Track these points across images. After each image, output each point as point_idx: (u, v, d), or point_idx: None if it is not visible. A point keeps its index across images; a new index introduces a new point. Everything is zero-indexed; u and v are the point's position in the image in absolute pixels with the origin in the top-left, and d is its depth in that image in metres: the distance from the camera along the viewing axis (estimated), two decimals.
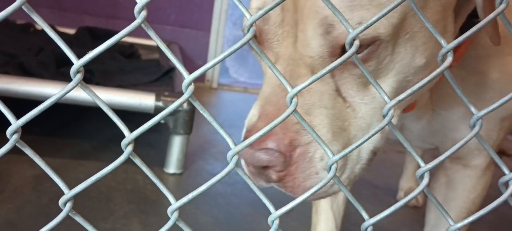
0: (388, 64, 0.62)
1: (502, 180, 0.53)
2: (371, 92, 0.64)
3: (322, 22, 0.58)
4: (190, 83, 0.42)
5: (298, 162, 0.60)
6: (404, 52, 0.62)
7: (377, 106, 0.64)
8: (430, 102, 0.86)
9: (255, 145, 0.59)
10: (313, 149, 0.60)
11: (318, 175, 0.61)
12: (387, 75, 0.63)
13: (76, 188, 0.43)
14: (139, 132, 0.42)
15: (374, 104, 0.64)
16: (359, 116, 0.64)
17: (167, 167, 1.83)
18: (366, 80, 0.62)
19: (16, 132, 0.40)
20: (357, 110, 0.64)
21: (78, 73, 0.40)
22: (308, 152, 0.60)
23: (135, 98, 1.71)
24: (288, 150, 0.59)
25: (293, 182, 0.61)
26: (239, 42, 0.43)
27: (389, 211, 0.50)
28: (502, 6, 0.48)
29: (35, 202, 1.43)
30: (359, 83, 0.63)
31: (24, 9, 0.39)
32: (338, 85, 0.63)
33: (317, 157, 0.61)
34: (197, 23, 3.55)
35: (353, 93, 0.63)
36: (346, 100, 0.63)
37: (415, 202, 1.87)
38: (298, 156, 0.60)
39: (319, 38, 0.60)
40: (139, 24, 0.40)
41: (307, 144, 0.60)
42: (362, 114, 0.64)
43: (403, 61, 0.63)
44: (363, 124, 0.64)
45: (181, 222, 0.47)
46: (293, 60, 0.62)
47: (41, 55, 2.11)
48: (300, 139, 0.60)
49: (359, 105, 0.64)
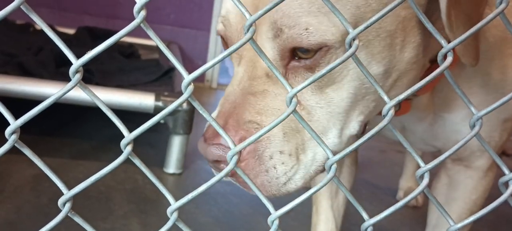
0: (342, 70, 0.63)
1: (502, 180, 0.53)
2: (328, 97, 0.65)
3: (272, 26, 0.61)
4: (189, 83, 0.42)
5: (247, 159, 0.62)
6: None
7: (334, 110, 0.65)
8: (431, 104, 0.86)
9: (209, 140, 0.63)
10: (262, 147, 0.62)
11: (267, 172, 0.62)
12: (342, 82, 0.64)
13: (75, 188, 0.43)
14: (138, 132, 0.42)
15: (331, 108, 0.65)
16: (314, 119, 0.65)
17: (166, 167, 1.83)
18: (322, 84, 0.63)
19: (15, 132, 0.40)
20: (312, 113, 0.65)
21: (77, 73, 0.40)
22: (258, 150, 0.62)
23: (134, 98, 1.71)
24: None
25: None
26: (239, 42, 0.43)
27: (388, 211, 0.50)
28: (502, 5, 0.48)
29: (34, 202, 1.43)
30: (314, 87, 0.64)
31: (23, 9, 0.39)
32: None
33: (266, 155, 0.62)
34: (197, 23, 3.55)
35: (307, 97, 0.64)
36: (301, 104, 0.65)
37: (414, 202, 1.87)
38: (247, 153, 0.62)
39: (270, 42, 0.62)
40: (138, 24, 0.40)
41: (257, 142, 0.62)
42: (318, 117, 0.65)
43: (357, 68, 0.63)
44: (319, 126, 0.65)
45: (181, 222, 0.47)
46: (252, 62, 0.65)
47: (40, 55, 2.11)
48: (250, 136, 0.61)
49: (314, 109, 0.65)
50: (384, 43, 0.63)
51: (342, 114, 0.66)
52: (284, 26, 0.60)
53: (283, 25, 0.60)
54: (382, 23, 0.62)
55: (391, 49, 0.64)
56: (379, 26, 0.62)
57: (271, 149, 0.62)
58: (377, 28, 0.62)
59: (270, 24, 0.61)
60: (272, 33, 0.61)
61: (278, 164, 0.63)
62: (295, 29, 0.59)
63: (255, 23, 0.62)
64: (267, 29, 0.62)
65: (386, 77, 0.66)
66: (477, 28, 0.49)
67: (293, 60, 0.63)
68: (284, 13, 0.59)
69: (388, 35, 0.63)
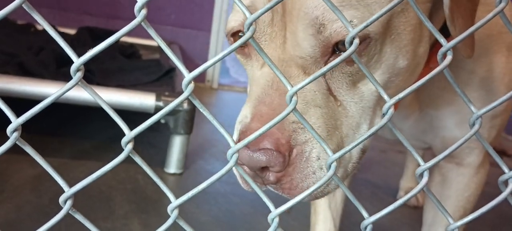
0: (376, 63, 0.63)
1: (501, 179, 0.53)
2: (360, 91, 0.64)
3: (313, 23, 0.59)
4: (190, 81, 0.42)
5: (295, 162, 0.60)
6: (390, 52, 0.63)
7: (365, 105, 0.65)
8: (416, 102, 0.87)
9: (252, 146, 0.58)
10: (309, 148, 0.60)
11: (315, 174, 0.61)
12: (374, 75, 0.63)
13: (76, 185, 0.43)
14: (139, 130, 0.42)
15: (363, 103, 0.65)
16: (349, 115, 0.64)
17: (167, 167, 1.83)
18: (355, 79, 0.63)
19: (17, 129, 0.40)
20: (347, 109, 0.64)
21: (78, 72, 0.41)
22: (305, 151, 0.60)
23: (135, 98, 1.71)
24: (286, 150, 0.59)
25: (291, 183, 0.61)
26: (239, 40, 0.43)
27: (388, 209, 0.50)
28: (502, 4, 0.48)
29: (35, 202, 1.43)
30: (349, 82, 0.63)
31: (25, 8, 0.39)
32: (329, 84, 0.64)
33: (313, 156, 0.60)
34: (198, 23, 3.55)
35: (343, 92, 0.64)
36: (337, 99, 0.64)
37: (415, 202, 1.87)
38: (296, 156, 0.60)
39: (311, 39, 0.60)
40: (139, 23, 0.40)
41: (304, 143, 0.60)
42: (352, 113, 0.65)
43: (388, 61, 0.64)
44: (354, 122, 0.65)
45: (181, 220, 0.47)
46: (283, 61, 0.63)
47: (41, 55, 2.12)
48: (297, 138, 0.60)
49: (349, 104, 0.64)
50: (409, 36, 0.63)
51: (371, 108, 0.66)
52: (327, 21, 0.58)
53: (325, 20, 0.58)
54: (408, 17, 0.62)
55: (413, 43, 0.64)
56: (406, 20, 0.62)
57: (318, 149, 0.60)
58: (404, 21, 0.62)
59: (310, 21, 0.59)
60: (313, 30, 0.59)
61: (324, 164, 0.61)
62: (339, 23, 0.58)
63: (274, 22, 0.61)
64: (306, 27, 0.60)
65: (406, 71, 0.66)
66: (476, 27, 0.49)
67: (333, 56, 0.62)
68: (325, 8, 0.58)
69: (412, 28, 0.63)
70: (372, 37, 0.60)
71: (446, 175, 0.98)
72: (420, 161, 0.52)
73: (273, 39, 0.63)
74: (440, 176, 1.00)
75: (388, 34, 0.62)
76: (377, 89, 0.63)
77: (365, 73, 0.49)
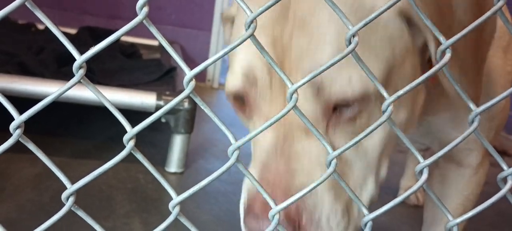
0: (376, 117, 0.62)
1: (500, 176, 0.54)
2: (363, 147, 0.64)
3: (312, 84, 0.58)
4: (191, 79, 0.43)
5: (305, 228, 0.60)
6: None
7: (369, 159, 0.65)
8: None
9: (262, 214, 0.58)
10: (318, 212, 0.60)
11: None
12: (376, 131, 0.63)
13: (79, 182, 0.43)
14: (140, 127, 0.43)
15: (367, 158, 0.65)
16: (355, 171, 0.64)
17: (168, 166, 1.83)
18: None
19: (19, 126, 0.41)
20: (352, 166, 0.64)
21: (80, 69, 0.41)
22: (314, 216, 0.60)
23: (136, 97, 1.72)
24: (296, 216, 0.59)
25: None
26: (239, 38, 0.44)
27: (388, 206, 0.51)
28: (500, 3, 0.49)
29: (36, 200, 1.44)
30: (352, 139, 0.63)
31: (28, 6, 0.39)
32: (332, 143, 0.63)
33: (323, 220, 0.60)
34: (198, 23, 3.55)
35: (347, 150, 0.64)
36: (342, 158, 0.63)
37: (416, 200, 1.87)
38: (306, 222, 0.59)
39: (310, 102, 0.60)
40: (141, 21, 0.41)
41: (313, 207, 0.60)
42: (358, 169, 0.64)
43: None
44: (359, 179, 0.65)
45: (182, 217, 0.48)
46: (284, 125, 0.62)
47: (42, 55, 2.12)
48: (305, 203, 0.60)
49: (354, 162, 0.64)
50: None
51: (376, 160, 0.66)
52: (326, 81, 0.58)
53: (324, 80, 0.58)
54: (405, 70, 0.64)
55: (412, 94, 0.65)
56: (404, 74, 0.64)
57: (326, 210, 0.60)
58: (402, 77, 0.64)
59: (310, 83, 0.57)
60: (312, 91, 0.59)
61: (334, 226, 0.61)
62: (338, 83, 0.58)
63: (273, 82, 0.60)
64: (305, 89, 0.59)
65: (404, 124, 0.67)
66: (475, 25, 0.49)
67: (334, 115, 0.61)
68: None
69: (411, 81, 0.64)
70: (371, 92, 0.59)
71: (445, 175, 0.99)
72: (419, 158, 0.52)
73: (273, 100, 0.63)
74: (440, 176, 1.00)
75: (388, 89, 0.62)
76: (379, 142, 0.63)
77: (367, 72, 0.49)
